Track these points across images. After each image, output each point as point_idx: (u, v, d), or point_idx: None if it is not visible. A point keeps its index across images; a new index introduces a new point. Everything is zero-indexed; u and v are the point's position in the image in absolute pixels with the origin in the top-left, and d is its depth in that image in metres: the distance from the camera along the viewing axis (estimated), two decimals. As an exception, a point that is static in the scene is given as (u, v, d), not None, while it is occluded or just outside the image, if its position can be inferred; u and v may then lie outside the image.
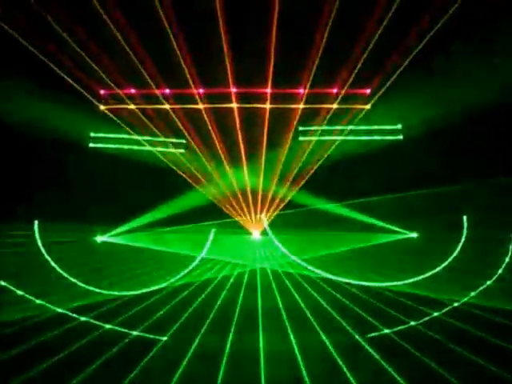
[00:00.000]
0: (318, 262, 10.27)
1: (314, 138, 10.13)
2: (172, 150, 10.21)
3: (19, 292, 9.16)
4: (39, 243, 9.87)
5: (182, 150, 10.26)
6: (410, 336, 8.27)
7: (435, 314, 8.97)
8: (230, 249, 10.80)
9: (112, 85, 8.24)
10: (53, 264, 9.74)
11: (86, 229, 10.12)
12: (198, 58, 8.65)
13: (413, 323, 8.66)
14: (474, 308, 9.07)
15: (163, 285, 9.91)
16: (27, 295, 9.16)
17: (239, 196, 10.71)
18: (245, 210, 10.82)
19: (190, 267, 10.28)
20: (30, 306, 9.05)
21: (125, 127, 9.82)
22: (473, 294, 9.51)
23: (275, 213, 10.66)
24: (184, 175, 10.33)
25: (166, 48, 8.18)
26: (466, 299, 9.40)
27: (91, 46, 7.59)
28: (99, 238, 10.25)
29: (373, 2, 7.31)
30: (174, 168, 10.26)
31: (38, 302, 9.17)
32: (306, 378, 7.13)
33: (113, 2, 6.64)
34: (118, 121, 9.75)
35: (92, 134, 9.94)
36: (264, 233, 10.80)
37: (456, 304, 9.31)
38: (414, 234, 10.25)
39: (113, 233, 10.27)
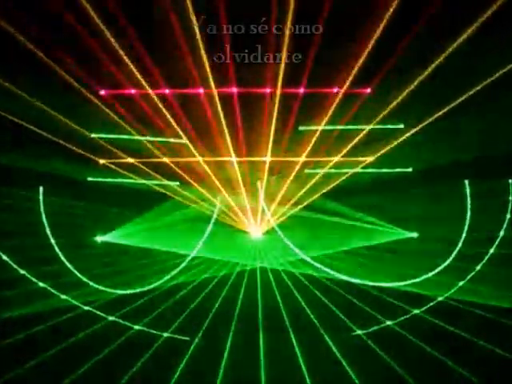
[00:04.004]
0: (318, 261, 10.28)
1: (321, 172, 10.20)
2: (167, 182, 10.32)
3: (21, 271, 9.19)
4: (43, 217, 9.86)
5: (177, 183, 10.39)
6: (415, 327, 8.31)
7: (440, 298, 9.04)
8: (230, 247, 10.80)
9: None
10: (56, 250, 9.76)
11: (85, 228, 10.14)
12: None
13: (416, 311, 8.72)
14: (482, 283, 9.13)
15: (158, 283, 9.90)
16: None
17: (240, 192, 10.70)
18: (244, 207, 10.83)
19: (192, 255, 10.26)
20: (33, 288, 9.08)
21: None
22: (478, 267, 9.57)
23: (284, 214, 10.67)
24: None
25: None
26: (472, 274, 9.50)
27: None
28: (99, 238, 10.25)
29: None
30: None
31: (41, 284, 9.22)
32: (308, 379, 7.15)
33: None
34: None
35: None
36: (265, 232, 10.80)
37: (461, 283, 9.37)
38: (415, 234, 10.26)
39: (113, 233, 10.27)
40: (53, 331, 8.20)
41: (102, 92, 7.83)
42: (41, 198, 9.83)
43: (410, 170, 9.92)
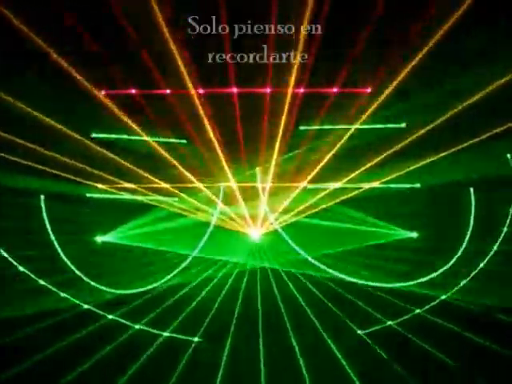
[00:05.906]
0: (318, 261, 10.29)
1: (323, 187, 10.20)
2: (166, 198, 10.36)
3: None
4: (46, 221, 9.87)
5: (176, 199, 10.47)
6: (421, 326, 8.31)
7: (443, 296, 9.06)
8: (230, 247, 10.80)
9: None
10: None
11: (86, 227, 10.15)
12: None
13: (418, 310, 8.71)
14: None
15: (158, 283, 9.91)
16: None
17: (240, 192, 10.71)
18: (245, 205, 10.83)
19: (193, 255, 10.27)
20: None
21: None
22: (482, 264, 9.55)
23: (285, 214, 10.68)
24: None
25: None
26: (476, 271, 9.48)
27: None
28: (99, 238, 10.26)
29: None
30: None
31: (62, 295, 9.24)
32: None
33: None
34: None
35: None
36: (266, 233, 10.81)
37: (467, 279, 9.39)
38: (414, 234, 10.26)
39: (113, 232, 10.28)
40: (52, 329, 8.21)
41: (103, 92, 7.83)
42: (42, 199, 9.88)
43: (418, 185, 9.93)
